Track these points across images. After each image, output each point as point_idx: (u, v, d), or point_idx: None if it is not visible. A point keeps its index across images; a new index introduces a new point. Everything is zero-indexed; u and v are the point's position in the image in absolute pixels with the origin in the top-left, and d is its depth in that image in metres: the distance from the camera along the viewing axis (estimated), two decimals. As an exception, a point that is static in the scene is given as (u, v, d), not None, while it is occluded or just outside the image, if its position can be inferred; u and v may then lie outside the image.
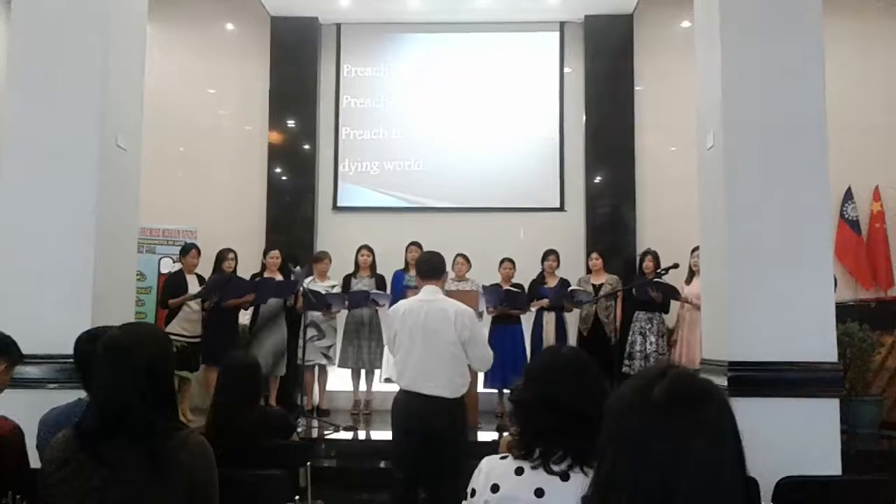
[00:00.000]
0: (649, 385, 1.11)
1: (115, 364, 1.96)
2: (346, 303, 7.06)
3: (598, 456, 1.15)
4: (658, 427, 1.07)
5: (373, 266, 7.40)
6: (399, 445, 4.00)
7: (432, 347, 3.83)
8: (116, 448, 1.91)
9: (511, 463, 1.85)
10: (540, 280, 7.35)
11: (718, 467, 1.05)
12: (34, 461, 2.55)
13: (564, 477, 1.78)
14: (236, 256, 7.08)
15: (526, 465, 1.82)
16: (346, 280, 7.35)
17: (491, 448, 2.86)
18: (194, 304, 6.70)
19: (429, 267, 4.10)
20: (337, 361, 7.24)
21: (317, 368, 7.25)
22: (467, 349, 3.90)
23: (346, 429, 6.39)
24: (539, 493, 1.78)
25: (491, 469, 1.88)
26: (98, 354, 2.01)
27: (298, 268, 6.80)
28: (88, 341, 2.61)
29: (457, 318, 3.86)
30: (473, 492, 1.89)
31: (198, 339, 6.68)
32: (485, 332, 4.25)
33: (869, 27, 8.44)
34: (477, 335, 3.95)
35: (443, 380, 3.84)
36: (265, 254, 7.40)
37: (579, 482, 1.75)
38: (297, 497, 3.19)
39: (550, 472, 1.79)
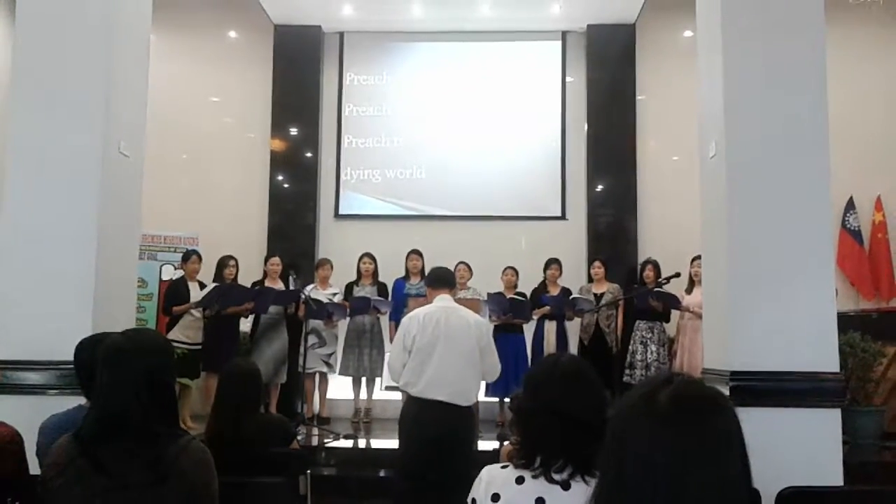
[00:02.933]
0: (654, 392, 1.10)
1: (115, 370, 1.96)
2: (348, 311, 7.07)
3: (602, 464, 1.14)
4: (662, 435, 1.05)
5: (375, 274, 7.40)
6: (408, 454, 4.00)
7: (453, 354, 3.90)
8: (116, 454, 1.90)
9: (512, 472, 1.84)
10: (542, 289, 7.35)
11: (723, 478, 1.04)
12: (34, 467, 2.55)
13: (565, 486, 1.77)
14: (237, 264, 7.09)
15: (527, 474, 1.81)
16: (349, 288, 7.35)
17: (491, 457, 2.85)
18: (196, 312, 6.71)
19: (442, 277, 4.24)
20: (338, 369, 7.23)
21: (317, 376, 7.23)
22: (482, 358, 4.01)
23: (347, 437, 6.37)
24: (540, 502, 1.77)
25: (491, 478, 1.87)
26: (99, 360, 2.01)
27: (292, 275, 6.81)
28: (89, 347, 2.60)
29: (475, 326, 3.98)
30: (474, 501, 1.87)
31: (199, 346, 6.68)
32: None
33: (871, 37, 8.45)
34: (492, 345, 4.08)
35: (459, 387, 3.91)
36: (266, 261, 7.41)
37: (581, 491, 1.75)
38: (296, 505, 3.18)
39: (551, 480, 1.78)
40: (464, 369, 3.94)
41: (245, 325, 7.17)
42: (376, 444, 6.39)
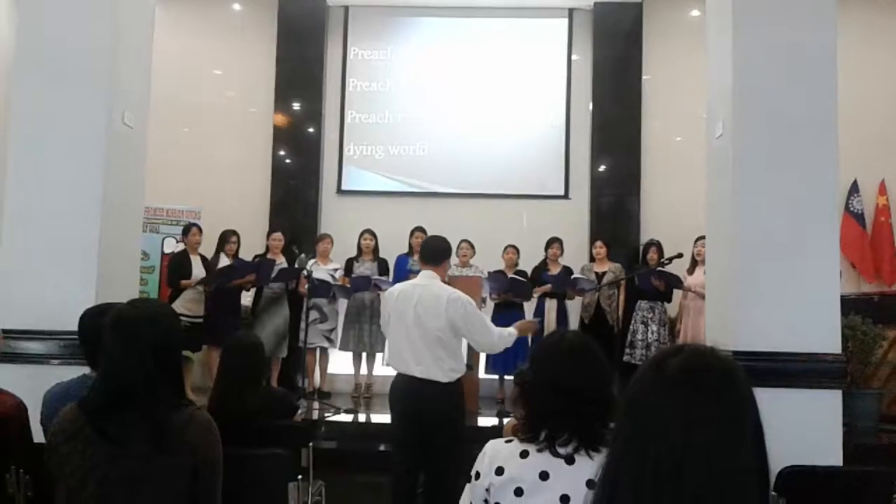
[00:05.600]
0: (664, 360, 1.09)
1: (123, 339, 1.96)
2: (351, 293, 7.09)
3: (613, 436, 1.13)
4: (670, 401, 1.04)
5: (375, 250, 7.40)
6: (397, 429, 4.02)
7: (420, 332, 3.81)
8: (122, 423, 1.91)
9: (516, 446, 1.85)
10: (543, 267, 7.35)
11: (733, 447, 1.02)
12: (37, 436, 2.56)
13: (570, 460, 1.78)
14: (239, 239, 7.08)
15: (531, 448, 1.82)
16: (349, 263, 7.35)
17: (491, 433, 2.86)
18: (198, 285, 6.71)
19: (430, 252, 4.08)
20: (338, 344, 7.25)
21: (318, 351, 7.26)
22: (466, 335, 3.87)
23: (347, 411, 6.41)
24: (544, 475, 1.78)
25: (496, 452, 1.88)
26: (106, 329, 2.01)
27: (303, 255, 6.81)
28: (93, 318, 2.60)
29: (449, 303, 3.78)
30: (478, 474, 1.88)
31: (200, 319, 6.69)
32: (487, 317, 4.19)
33: (878, 18, 8.38)
34: (475, 321, 3.85)
35: (430, 364, 3.80)
36: (268, 236, 7.41)
37: (585, 465, 1.76)
38: (299, 476, 3.19)
39: (556, 454, 1.79)
40: (432, 347, 3.80)
41: (246, 298, 7.18)
42: (376, 418, 6.43)
